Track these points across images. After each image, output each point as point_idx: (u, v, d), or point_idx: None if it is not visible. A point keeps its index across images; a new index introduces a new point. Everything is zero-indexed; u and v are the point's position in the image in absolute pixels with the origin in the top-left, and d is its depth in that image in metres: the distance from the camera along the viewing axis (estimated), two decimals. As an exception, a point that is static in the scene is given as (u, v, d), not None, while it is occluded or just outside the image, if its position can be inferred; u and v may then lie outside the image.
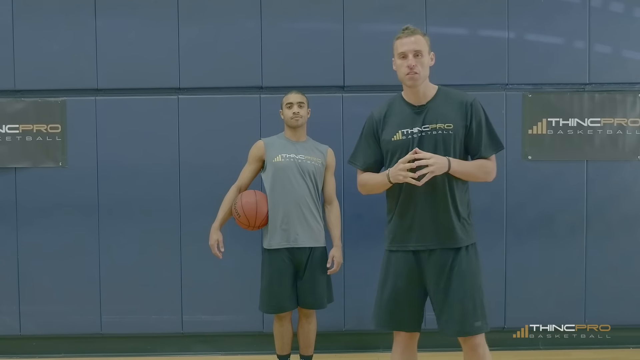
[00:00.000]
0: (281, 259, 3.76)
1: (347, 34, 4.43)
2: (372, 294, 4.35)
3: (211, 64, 4.44)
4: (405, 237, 2.91)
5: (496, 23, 4.43)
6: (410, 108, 2.94)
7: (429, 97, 2.94)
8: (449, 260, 2.85)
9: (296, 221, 3.73)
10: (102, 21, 4.44)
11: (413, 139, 2.88)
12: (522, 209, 4.45)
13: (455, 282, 2.83)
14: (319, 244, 3.82)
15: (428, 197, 2.84)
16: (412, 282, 2.91)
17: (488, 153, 2.92)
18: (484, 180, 2.98)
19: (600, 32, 4.45)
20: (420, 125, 2.89)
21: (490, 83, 4.43)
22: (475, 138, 2.90)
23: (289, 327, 3.91)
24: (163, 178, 4.43)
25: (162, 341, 4.53)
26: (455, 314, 2.83)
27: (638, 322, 4.51)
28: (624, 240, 4.48)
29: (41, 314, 4.48)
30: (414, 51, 2.86)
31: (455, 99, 2.93)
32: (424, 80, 2.91)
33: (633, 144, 4.46)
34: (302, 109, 3.83)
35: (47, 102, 4.44)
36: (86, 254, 4.44)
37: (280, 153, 3.80)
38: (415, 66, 2.84)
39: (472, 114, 2.89)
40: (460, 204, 2.89)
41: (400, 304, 2.93)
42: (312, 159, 3.84)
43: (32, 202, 4.45)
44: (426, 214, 2.85)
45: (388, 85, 4.38)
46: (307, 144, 3.90)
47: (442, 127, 2.87)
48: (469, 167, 2.88)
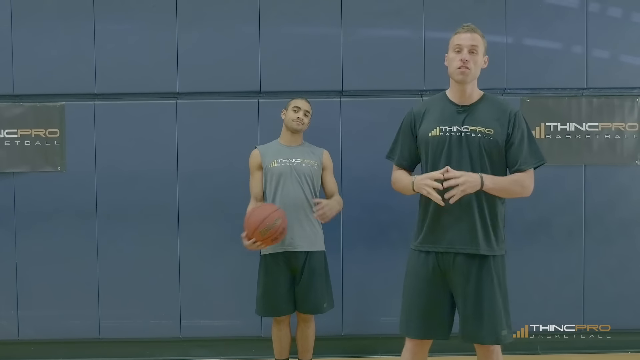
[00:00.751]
0: (276, 263, 3.76)
1: (345, 39, 4.44)
2: (370, 298, 4.43)
3: (210, 68, 4.44)
4: (433, 238, 2.88)
5: (494, 28, 4.42)
6: (453, 106, 2.92)
7: (474, 100, 2.93)
8: (475, 267, 2.82)
9: (292, 225, 3.70)
10: (100, 26, 4.44)
11: (451, 137, 2.85)
12: (520, 213, 4.43)
13: (487, 290, 2.80)
14: (316, 248, 3.80)
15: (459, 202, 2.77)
16: (442, 287, 2.89)
17: (527, 165, 2.87)
18: (520, 196, 2.93)
19: (598, 37, 4.46)
20: (460, 125, 2.86)
21: (488, 88, 4.30)
22: (516, 149, 2.86)
23: (287, 331, 3.91)
24: (161, 183, 4.42)
25: (161, 346, 4.52)
26: (486, 322, 2.80)
27: (636, 326, 4.51)
28: (623, 244, 4.48)
29: (39, 318, 4.47)
30: (470, 46, 2.85)
31: (499, 107, 2.92)
32: (472, 79, 2.89)
33: (631, 148, 4.47)
34: (306, 117, 3.86)
35: (45, 106, 4.44)
36: (85, 258, 4.44)
37: (276, 158, 3.81)
38: (468, 61, 2.83)
39: (515, 124, 2.86)
40: (490, 213, 2.85)
41: (436, 311, 2.89)
42: (308, 161, 3.84)
43: (31, 206, 4.44)
44: (456, 217, 2.82)
45: (387, 90, 4.43)
46: (302, 148, 3.91)
47: (483, 130, 2.83)
48: (502, 183, 2.83)
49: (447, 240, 2.84)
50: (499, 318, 2.81)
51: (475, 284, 2.82)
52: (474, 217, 2.82)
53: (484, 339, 2.83)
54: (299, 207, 3.75)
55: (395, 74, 4.40)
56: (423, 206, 2.94)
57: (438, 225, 2.86)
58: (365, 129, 4.38)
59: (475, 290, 2.82)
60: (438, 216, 2.86)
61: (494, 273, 2.83)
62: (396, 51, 4.40)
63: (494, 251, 2.85)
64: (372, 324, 4.45)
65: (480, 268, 2.83)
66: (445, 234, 2.85)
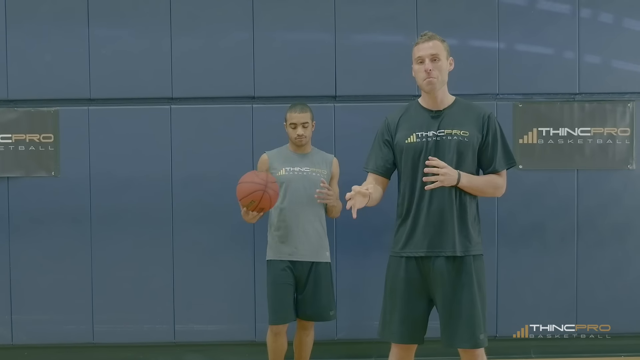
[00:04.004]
0: (282, 270, 3.74)
1: (339, 44, 4.46)
2: (364, 302, 4.43)
3: (204, 74, 4.46)
4: (413, 243, 2.90)
5: (487, 34, 4.47)
6: (426, 112, 2.96)
7: (447, 104, 2.97)
8: (454, 270, 2.85)
9: (296, 234, 3.71)
10: (95, 31, 4.46)
11: (427, 142, 2.88)
12: (513, 217, 4.47)
13: (466, 293, 2.83)
14: (321, 259, 3.78)
15: (437, 205, 2.85)
16: (421, 292, 2.92)
17: (501, 167, 2.93)
18: (492, 196, 3.00)
19: (589, 42, 4.49)
20: (435, 130, 2.90)
21: (480, 93, 4.45)
22: (490, 151, 2.92)
23: (285, 341, 3.85)
24: (155, 188, 4.44)
25: (155, 350, 4.52)
26: (464, 326, 2.83)
27: (630, 330, 4.52)
28: (615, 248, 4.50)
29: (33, 323, 4.47)
30: (431, 55, 2.88)
31: (472, 110, 2.96)
32: (442, 86, 2.93)
33: (623, 153, 4.49)
34: (306, 130, 3.80)
35: (40, 111, 4.45)
36: (78, 263, 4.44)
37: (285, 166, 3.79)
38: (432, 70, 2.86)
39: (489, 126, 2.92)
40: (469, 215, 2.90)
41: (415, 316, 2.92)
42: (318, 170, 3.82)
43: (25, 211, 4.45)
44: (434, 221, 2.86)
45: (380, 95, 4.45)
46: (312, 156, 3.88)
47: (458, 133, 2.88)
48: (477, 182, 2.89)
49: (426, 245, 2.87)
50: (477, 321, 2.83)
51: (454, 287, 2.85)
52: (452, 220, 2.86)
53: (462, 343, 2.85)
54: (305, 217, 3.73)
55: (388, 79, 4.42)
56: (401, 212, 2.98)
57: (416, 231, 2.90)
58: (359, 134, 4.36)
59: (454, 294, 2.84)
60: (416, 221, 2.90)
61: (474, 275, 2.86)
62: (389, 57, 4.42)
63: (472, 251, 2.88)
64: (366, 328, 4.45)
65: (459, 271, 2.86)
66: (424, 239, 2.88)
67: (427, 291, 2.92)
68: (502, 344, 4.50)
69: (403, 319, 2.91)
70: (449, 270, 2.85)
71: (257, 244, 4.38)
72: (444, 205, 2.85)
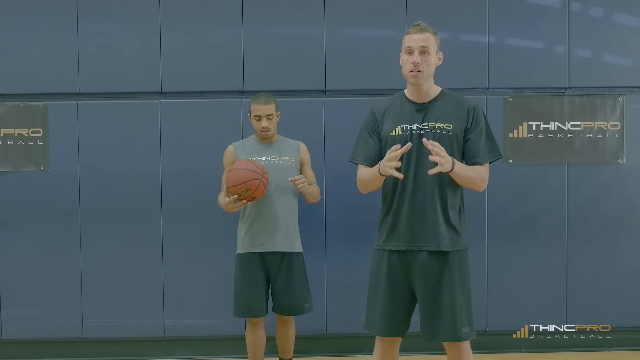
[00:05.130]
0: (252, 262, 3.72)
1: (328, 38, 4.45)
2: (354, 297, 4.42)
3: (193, 68, 4.44)
4: (395, 236, 2.89)
5: (476, 28, 4.46)
6: (411, 105, 2.94)
7: (432, 97, 2.94)
8: (437, 264, 2.84)
9: (265, 225, 3.69)
10: (84, 25, 4.43)
11: (412, 135, 2.86)
12: (503, 212, 4.47)
13: (447, 287, 2.82)
14: (292, 249, 3.75)
15: (420, 199, 2.83)
16: (404, 286, 2.90)
17: (485, 159, 2.91)
18: (476, 188, 2.95)
19: (580, 36, 4.48)
20: (419, 123, 2.88)
21: (470, 87, 4.44)
22: (475, 143, 2.89)
23: (262, 334, 3.83)
24: (145, 182, 4.42)
25: (144, 345, 4.51)
26: (445, 319, 2.82)
27: (619, 324, 4.52)
28: (605, 243, 4.50)
29: (22, 318, 4.46)
30: (421, 47, 2.84)
31: (457, 102, 2.94)
32: (427, 79, 2.90)
33: (613, 147, 4.49)
34: (271, 122, 3.75)
35: (28, 106, 4.43)
36: (68, 258, 4.43)
37: (251, 156, 3.73)
38: (419, 64, 2.83)
39: (474, 118, 2.89)
40: (451, 209, 2.88)
41: (397, 310, 2.91)
42: (285, 158, 3.78)
43: (14, 206, 4.43)
44: (417, 215, 2.84)
45: (370, 89, 4.43)
46: (278, 144, 3.84)
47: (442, 126, 2.86)
48: (469, 171, 2.86)
49: (409, 238, 2.86)
50: (459, 315, 2.82)
51: (436, 281, 2.83)
52: (435, 214, 2.84)
53: (443, 336, 2.84)
54: (273, 207, 3.69)
55: (378, 73, 4.40)
56: (384, 205, 2.98)
57: (400, 224, 2.88)
58: (349, 128, 4.28)
59: (436, 287, 2.83)
60: (398, 215, 2.88)
61: (457, 269, 2.85)
62: (379, 51, 4.40)
63: (455, 246, 2.87)
64: (356, 323, 4.34)
65: (442, 265, 2.84)
66: (408, 232, 2.86)
67: (410, 285, 2.91)
68: (493, 339, 4.51)
69: (385, 313, 2.91)
70: (431, 265, 2.84)
71: (239, 238, 4.37)
72: (427, 199, 2.83)
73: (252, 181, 3.42)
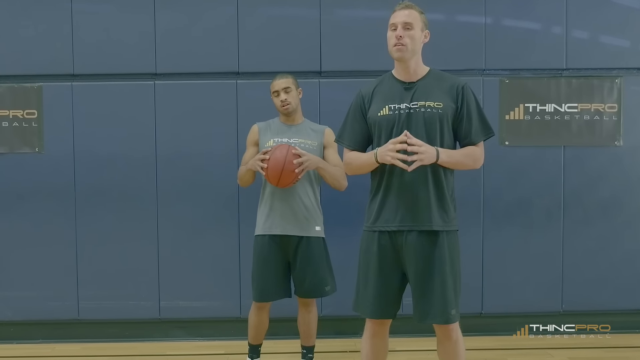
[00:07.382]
0: (268, 246, 3.66)
1: (324, 19, 4.42)
2: (348, 279, 4.36)
3: (188, 49, 4.42)
4: (385, 217, 2.86)
5: (473, 8, 4.43)
6: (399, 84, 2.90)
7: (420, 76, 2.90)
8: (427, 245, 2.81)
9: (282, 208, 3.64)
10: (78, 6, 4.41)
11: (400, 115, 2.83)
12: (499, 194, 4.46)
13: (438, 268, 2.79)
14: (310, 233, 3.69)
15: (410, 179, 2.79)
16: (394, 267, 2.87)
17: (478, 138, 2.87)
18: (471, 168, 2.93)
19: (577, 17, 4.45)
20: (408, 102, 2.84)
21: (467, 69, 4.42)
22: (466, 123, 2.85)
23: (266, 318, 3.81)
24: (140, 164, 4.42)
25: (140, 327, 4.52)
26: (436, 302, 2.79)
27: (614, 307, 4.52)
28: (601, 225, 4.50)
29: (18, 299, 4.47)
30: (404, 23, 2.82)
31: (446, 81, 2.90)
32: (413, 55, 2.86)
33: (610, 129, 4.47)
34: (289, 95, 3.69)
35: (23, 87, 4.42)
36: (63, 240, 4.43)
37: (273, 137, 3.69)
38: (402, 37, 2.80)
39: (463, 97, 2.85)
40: (443, 189, 2.84)
41: (388, 291, 2.89)
42: (307, 141, 3.72)
43: (9, 188, 4.44)
44: (407, 195, 2.81)
45: (365, 70, 4.39)
46: (302, 127, 3.79)
47: (432, 105, 2.82)
48: (457, 156, 2.83)
49: (400, 218, 2.82)
50: (449, 297, 2.79)
51: (427, 262, 2.80)
52: (427, 194, 2.80)
53: (435, 318, 2.81)
54: (292, 190, 3.64)
55: (373, 54, 4.33)
56: (373, 186, 2.94)
57: (390, 204, 2.84)
58: (344, 109, 4.26)
59: (427, 268, 2.80)
60: (387, 195, 2.85)
61: (447, 250, 2.81)
62: (374, 32, 4.30)
63: (447, 226, 2.84)
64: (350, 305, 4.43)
65: (432, 245, 2.81)
66: (398, 212, 2.83)
67: (401, 266, 2.88)
68: (489, 321, 4.52)
69: (375, 294, 2.88)
70: (422, 245, 2.81)
71: (242, 220, 4.37)
72: (418, 179, 2.79)
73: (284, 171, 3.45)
